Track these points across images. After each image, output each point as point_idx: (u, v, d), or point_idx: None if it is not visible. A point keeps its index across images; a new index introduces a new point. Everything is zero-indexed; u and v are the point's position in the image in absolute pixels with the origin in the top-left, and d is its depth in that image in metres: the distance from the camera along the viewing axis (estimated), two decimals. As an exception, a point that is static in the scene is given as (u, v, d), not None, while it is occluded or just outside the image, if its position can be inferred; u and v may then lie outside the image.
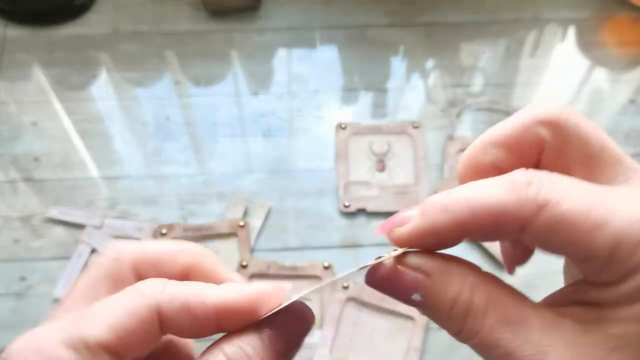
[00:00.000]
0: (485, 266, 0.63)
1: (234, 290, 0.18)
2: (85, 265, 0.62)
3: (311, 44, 0.79)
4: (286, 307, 0.18)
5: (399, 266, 0.18)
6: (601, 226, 0.15)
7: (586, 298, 0.17)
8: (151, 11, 0.81)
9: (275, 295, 0.19)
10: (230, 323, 0.18)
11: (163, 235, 0.63)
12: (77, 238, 0.64)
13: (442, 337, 0.60)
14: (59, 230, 0.65)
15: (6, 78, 0.75)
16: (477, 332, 0.17)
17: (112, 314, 0.17)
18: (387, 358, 0.58)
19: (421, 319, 0.59)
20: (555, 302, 0.18)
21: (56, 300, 0.61)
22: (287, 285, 0.17)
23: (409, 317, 0.59)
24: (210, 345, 0.18)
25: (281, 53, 0.79)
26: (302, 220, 0.66)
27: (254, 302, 0.18)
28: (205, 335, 0.18)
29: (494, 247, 0.63)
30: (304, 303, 0.19)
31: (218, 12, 0.81)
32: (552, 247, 0.17)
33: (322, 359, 0.57)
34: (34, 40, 0.78)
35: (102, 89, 0.75)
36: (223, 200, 0.67)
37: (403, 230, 0.17)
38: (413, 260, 0.18)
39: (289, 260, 0.63)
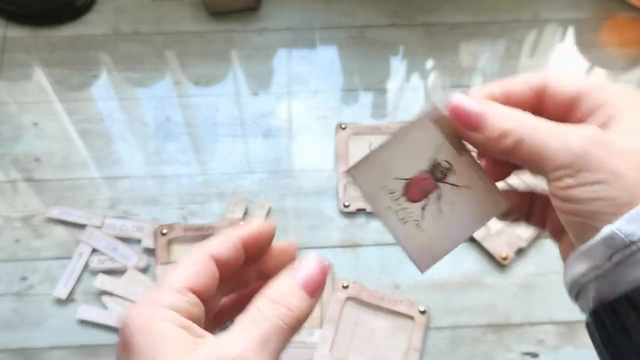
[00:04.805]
0: (483, 263, 0.63)
1: (248, 225, 0.28)
2: (86, 264, 0.62)
3: (311, 44, 0.80)
4: (311, 257, 0.26)
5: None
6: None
7: None
8: (151, 11, 0.81)
9: (265, 226, 0.28)
10: (251, 246, 0.28)
11: (163, 235, 0.63)
12: (78, 238, 0.64)
13: (441, 336, 0.60)
14: (59, 230, 0.65)
15: (7, 78, 0.76)
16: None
17: (184, 266, 0.25)
18: (387, 357, 0.58)
19: (421, 318, 0.60)
20: None
21: (57, 300, 0.61)
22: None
23: (409, 317, 0.60)
24: (256, 295, 0.25)
25: (281, 53, 0.79)
26: (302, 220, 0.66)
27: (257, 230, 0.28)
28: (242, 261, 0.27)
29: (492, 245, 0.63)
30: (321, 257, 0.26)
31: (218, 13, 0.81)
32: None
33: (322, 358, 0.57)
34: (35, 41, 0.79)
35: (103, 89, 0.75)
36: (223, 200, 0.67)
37: (477, 137, 0.26)
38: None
39: (289, 260, 0.63)
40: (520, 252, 0.63)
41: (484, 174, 0.29)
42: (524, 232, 0.64)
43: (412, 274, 0.63)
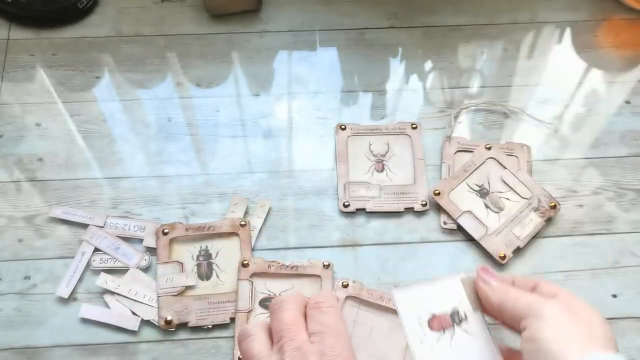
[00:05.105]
0: (482, 262, 0.64)
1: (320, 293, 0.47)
2: (88, 264, 0.63)
3: (311, 46, 0.80)
4: None
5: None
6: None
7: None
8: (153, 13, 0.82)
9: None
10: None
11: (165, 234, 0.64)
12: (80, 237, 0.64)
13: (440, 334, 0.61)
14: (62, 230, 0.66)
15: (10, 79, 0.76)
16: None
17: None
18: (387, 356, 0.58)
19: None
20: None
21: (59, 299, 0.61)
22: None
23: (408, 315, 0.60)
24: None
25: (282, 55, 0.79)
26: (302, 220, 0.67)
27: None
28: None
29: (490, 245, 0.64)
30: None
31: (219, 15, 0.82)
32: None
33: (322, 356, 0.58)
34: (38, 42, 0.79)
35: (105, 90, 0.76)
36: (224, 200, 0.68)
37: (484, 288, 0.42)
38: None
39: (289, 259, 0.63)
40: (517, 251, 0.64)
41: (489, 331, 0.40)
42: (521, 231, 0.64)
43: (412, 273, 0.63)
